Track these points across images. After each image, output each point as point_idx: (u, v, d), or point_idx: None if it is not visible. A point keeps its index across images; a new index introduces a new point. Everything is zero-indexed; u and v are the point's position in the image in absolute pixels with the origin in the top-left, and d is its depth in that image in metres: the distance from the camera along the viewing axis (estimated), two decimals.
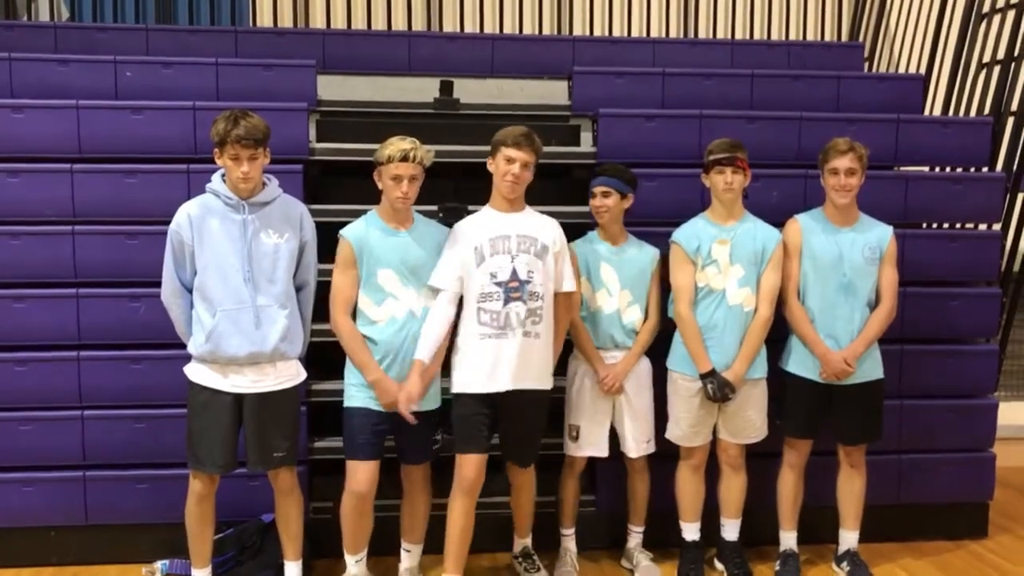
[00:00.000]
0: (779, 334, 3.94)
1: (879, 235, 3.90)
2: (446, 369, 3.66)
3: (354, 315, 3.59)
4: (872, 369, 3.88)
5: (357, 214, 3.70)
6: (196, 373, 3.45)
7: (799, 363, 3.89)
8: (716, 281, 3.82)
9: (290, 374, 3.49)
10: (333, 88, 4.64)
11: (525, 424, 3.64)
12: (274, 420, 3.46)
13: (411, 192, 3.52)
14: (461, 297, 3.59)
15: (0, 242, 3.95)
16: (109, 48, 4.76)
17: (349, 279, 3.55)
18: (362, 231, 3.57)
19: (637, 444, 3.94)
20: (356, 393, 3.58)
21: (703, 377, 3.79)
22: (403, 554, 3.82)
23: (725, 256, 3.81)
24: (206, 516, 3.54)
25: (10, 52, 4.37)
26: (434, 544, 3.77)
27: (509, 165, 3.57)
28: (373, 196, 3.68)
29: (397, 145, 3.48)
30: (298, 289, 3.51)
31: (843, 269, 3.83)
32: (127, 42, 4.91)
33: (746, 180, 3.83)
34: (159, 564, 3.94)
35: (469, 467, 3.55)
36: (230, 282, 3.36)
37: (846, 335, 3.83)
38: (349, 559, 3.70)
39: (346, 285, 3.55)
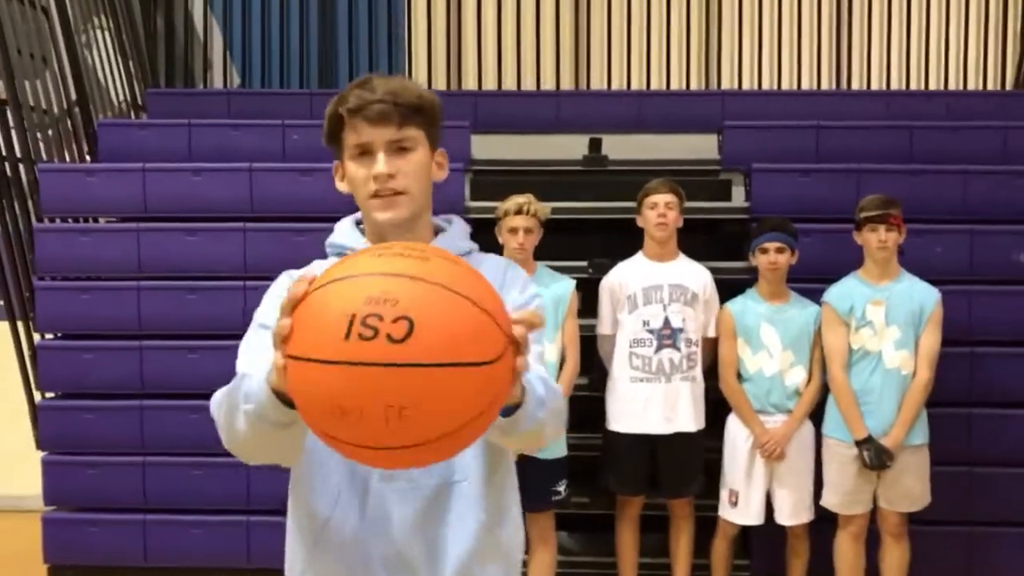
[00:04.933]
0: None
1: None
2: (577, 421, 3.76)
3: None
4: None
5: None
6: None
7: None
8: (871, 343, 3.65)
9: None
10: (485, 147, 4.77)
11: (679, 463, 3.81)
12: None
13: (527, 243, 3.63)
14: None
15: (178, 296, 4.21)
16: (276, 112, 5.05)
17: None
18: None
19: (796, 512, 3.80)
20: None
21: (859, 444, 3.62)
22: None
23: (880, 317, 3.64)
24: None
25: (189, 119, 4.70)
26: None
27: (653, 209, 3.74)
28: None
29: (514, 200, 3.65)
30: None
31: None
32: (293, 106, 5.20)
33: (900, 237, 3.67)
34: None
35: (629, 506, 3.90)
36: None
37: None
38: None
39: None
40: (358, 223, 1.63)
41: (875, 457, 3.60)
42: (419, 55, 6.24)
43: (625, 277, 3.82)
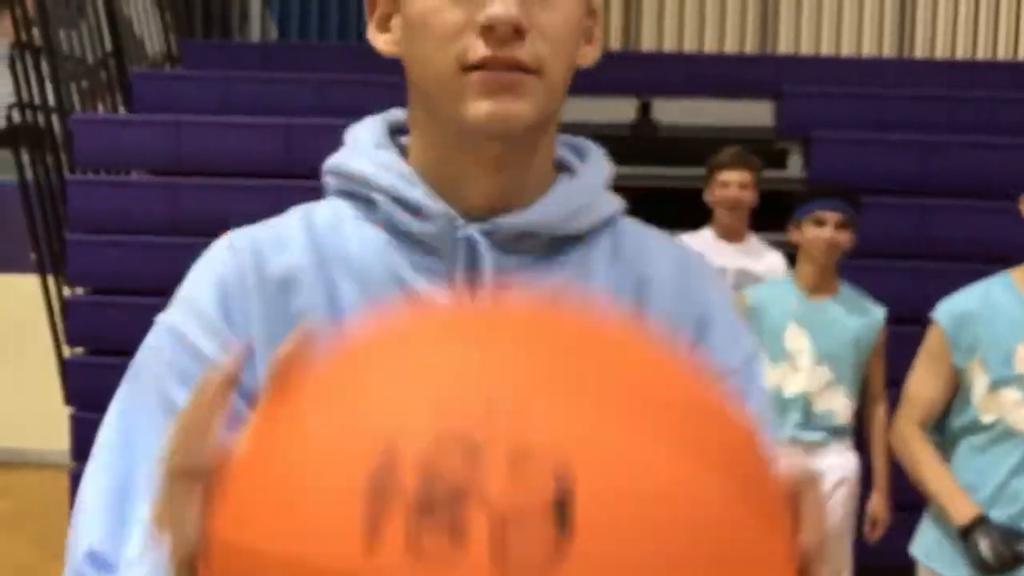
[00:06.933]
0: None
1: None
2: None
3: None
4: None
5: None
6: None
7: None
8: (1020, 415, 2.04)
9: None
10: None
11: None
12: None
13: None
14: None
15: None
16: (315, 66, 4.90)
17: None
18: None
19: None
20: None
21: (966, 533, 2.00)
22: None
23: None
24: None
25: (225, 70, 4.56)
26: None
27: (724, 189, 3.18)
28: None
29: None
30: None
31: None
32: (332, 59, 5.04)
33: None
34: None
35: None
36: None
37: None
38: None
39: None
40: (397, 131, 0.84)
41: (999, 550, 1.94)
42: None
43: None
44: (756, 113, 4.60)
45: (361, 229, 0.78)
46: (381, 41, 0.78)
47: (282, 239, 0.79)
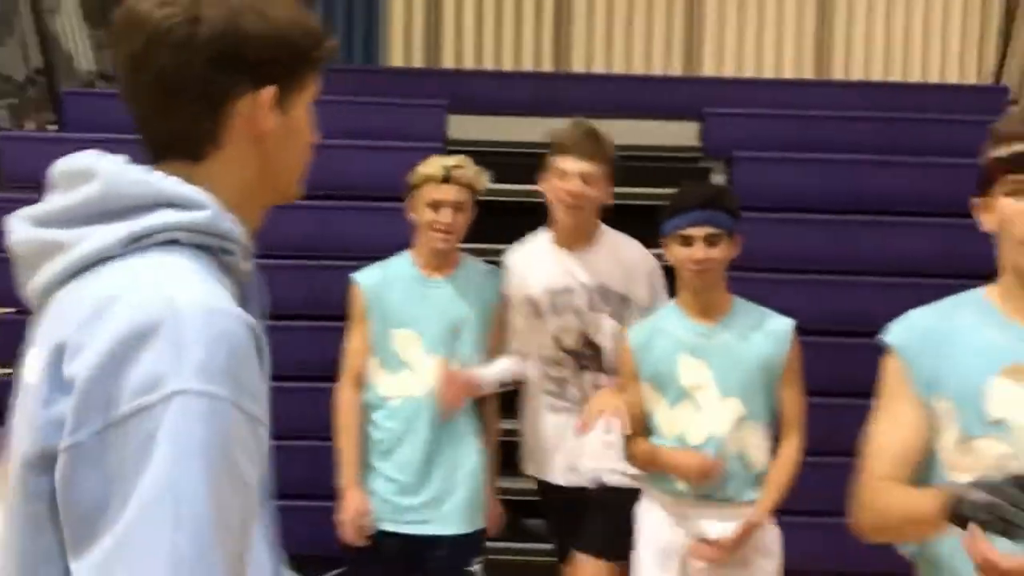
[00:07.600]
0: None
1: None
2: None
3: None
4: None
5: (482, 253, 3.12)
6: None
7: None
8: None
9: None
10: (462, 127, 4.68)
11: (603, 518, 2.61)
12: None
13: (455, 225, 2.58)
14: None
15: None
16: None
17: (359, 339, 2.64)
18: (379, 276, 2.67)
19: None
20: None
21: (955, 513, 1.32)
22: None
23: None
24: None
25: None
26: None
27: (563, 180, 2.55)
28: (504, 235, 3.59)
29: (438, 161, 2.61)
30: None
31: None
32: None
33: None
34: None
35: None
36: None
37: None
38: None
39: (356, 348, 2.64)
40: None
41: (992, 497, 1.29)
42: (396, 32, 6.10)
43: (525, 271, 2.70)
44: (681, 133, 4.73)
45: (218, 278, 0.94)
46: (270, 119, 1.02)
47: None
